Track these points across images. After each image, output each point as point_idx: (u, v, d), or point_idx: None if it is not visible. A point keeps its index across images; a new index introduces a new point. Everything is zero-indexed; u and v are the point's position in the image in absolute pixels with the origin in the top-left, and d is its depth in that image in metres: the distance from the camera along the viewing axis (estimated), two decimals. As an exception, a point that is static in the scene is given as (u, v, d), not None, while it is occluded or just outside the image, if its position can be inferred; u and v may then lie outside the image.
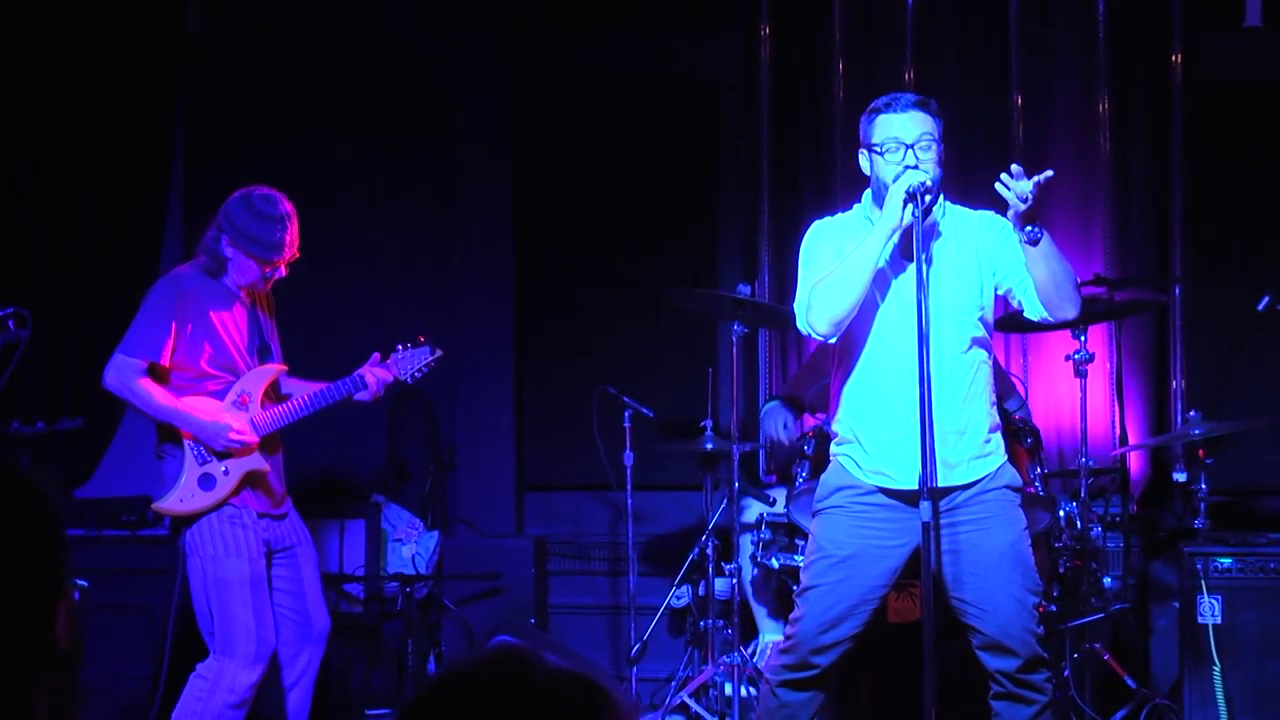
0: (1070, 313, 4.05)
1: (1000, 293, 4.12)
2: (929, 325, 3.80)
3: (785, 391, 5.96)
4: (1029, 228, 3.89)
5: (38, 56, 6.45)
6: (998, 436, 4.12)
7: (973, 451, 4.03)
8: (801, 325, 4.04)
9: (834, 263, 3.99)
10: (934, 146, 3.97)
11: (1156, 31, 6.34)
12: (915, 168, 3.90)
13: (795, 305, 4.07)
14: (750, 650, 5.57)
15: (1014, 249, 3.99)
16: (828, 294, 3.95)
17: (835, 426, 4.18)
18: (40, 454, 5.75)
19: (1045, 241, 3.92)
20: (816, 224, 4.17)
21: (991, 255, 4.07)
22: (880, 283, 4.01)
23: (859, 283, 3.91)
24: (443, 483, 6.62)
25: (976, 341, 4.06)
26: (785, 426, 5.66)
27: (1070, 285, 4.00)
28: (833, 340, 4.04)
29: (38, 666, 1.51)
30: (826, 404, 4.43)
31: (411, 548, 6.26)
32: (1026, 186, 3.83)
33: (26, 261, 6.50)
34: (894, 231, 3.90)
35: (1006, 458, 4.13)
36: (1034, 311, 4.06)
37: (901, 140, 3.95)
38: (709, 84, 6.71)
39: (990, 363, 4.14)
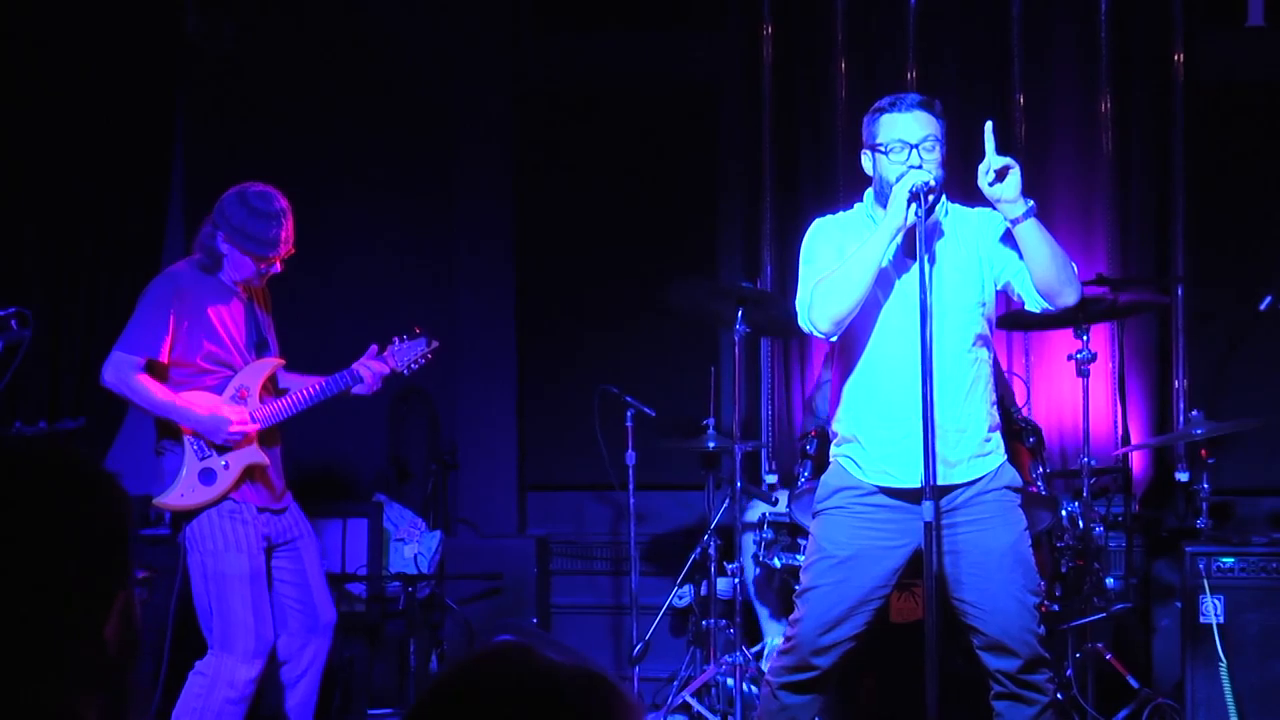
0: (1070, 297, 4.00)
1: (1000, 287, 4.11)
2: (932, 324, 3.80)
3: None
4: (1013, 203, 3.89)
5: (38, 58, 6.44)
6: (997, 436, 4.12)
7: (972, 450, 4.03)
8: (803, 323, 4.04)
9: (835, 261, 3.99)
10: (937, 147, 3.97)
11: (1158, 31, 6.34)
12: (919, 168, 3.90)
13: (796, 303, 4.07)
14: (755, 652, 5.56)
15: (1010, 242, 4.00)
16: (830, 292, 3.94)
17: (835, 426, 4.18)
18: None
19: (1033, 223, 3.91)
20: (818, 221, 4.17)
21: (991, 251, 4.07)
22: (882, 282, 4.00)
23: (861, 282, 3.91)
24: (444, 482, 6.62)
25: (978, 340, 4.06)
26: None
27: (1066, 269, 3.98)
28: (833, 339, 4.04)
29: (81, 674, 1.47)
30: (827, 404, 4.42)
31: (413, 547, 6.26)
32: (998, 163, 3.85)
33: (28, 262, 6.50)
34: (898, 231, 3.89)
35: (1006, 458, 4.12)
36: (1034, 302, 4.04)
37: (906, 141, 3.95)
38: (709, 84, 6.71)
39: (991, 361, 4.14)
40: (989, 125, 3.91)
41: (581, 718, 1.35)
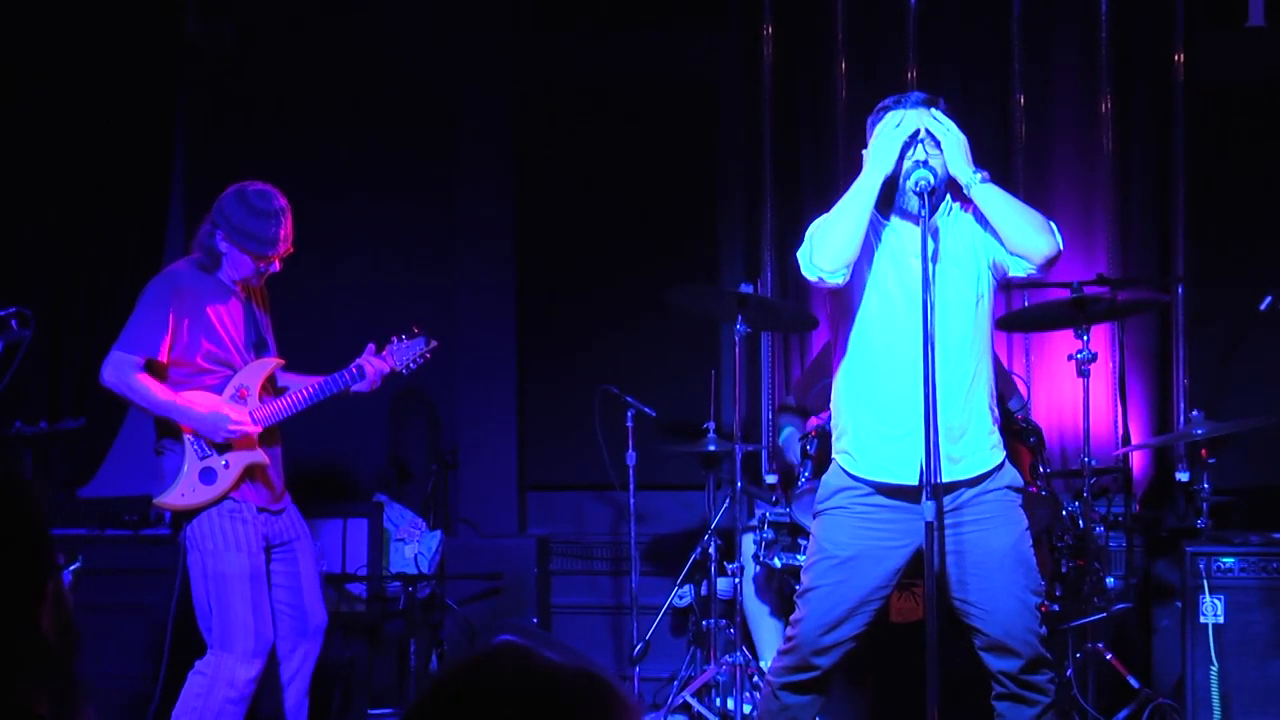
0: (1046, 247, 3.95)
1: (990, 267, 4.08)
2: (934, 322, 3.80)
3: (792, 400, 5.93)
4: (969, 171, 3.92)
5: (39, 58, 6.45)
6: (999, 434, 4.12)
7: (975, 447, 4.02)
8: (807, 272, 4.01)
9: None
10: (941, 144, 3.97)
11: (1158, 31, 6.34)
12: (925, 163, 3.91)
13: (799, 254, 4.05)
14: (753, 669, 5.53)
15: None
16: (827, 230, 3.95)
17: (835, 421, 4.17)
18: (42, 454, 5.75)
19: (986, 188, 3.93)
20: (820, 220, 4.17)
21: (982, 238, 4.06)
22: (885, 279, 4.00)
23: (858, 214, 3.91)
24: (445, 482, 6.62)
25: (978, 337, 4.05)
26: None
27: (1031, 222, 3.97)
28: (840, 280, 3.97)
29: (27, 667, 1.48)
30: (827, 404, 4.42)
31: (414, 547, 6.26)
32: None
33: (28, 261, 6.50)
34: (886, 171, 3.91)
35: (1007, 457, 4.12)
36: (1016, 266, 4.02)
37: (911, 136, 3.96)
38: (709, 84, 6.70)
39: (991, 358, 4.14)
40: (940, 103, 4.00)
41: (580, 718, 1.35)
